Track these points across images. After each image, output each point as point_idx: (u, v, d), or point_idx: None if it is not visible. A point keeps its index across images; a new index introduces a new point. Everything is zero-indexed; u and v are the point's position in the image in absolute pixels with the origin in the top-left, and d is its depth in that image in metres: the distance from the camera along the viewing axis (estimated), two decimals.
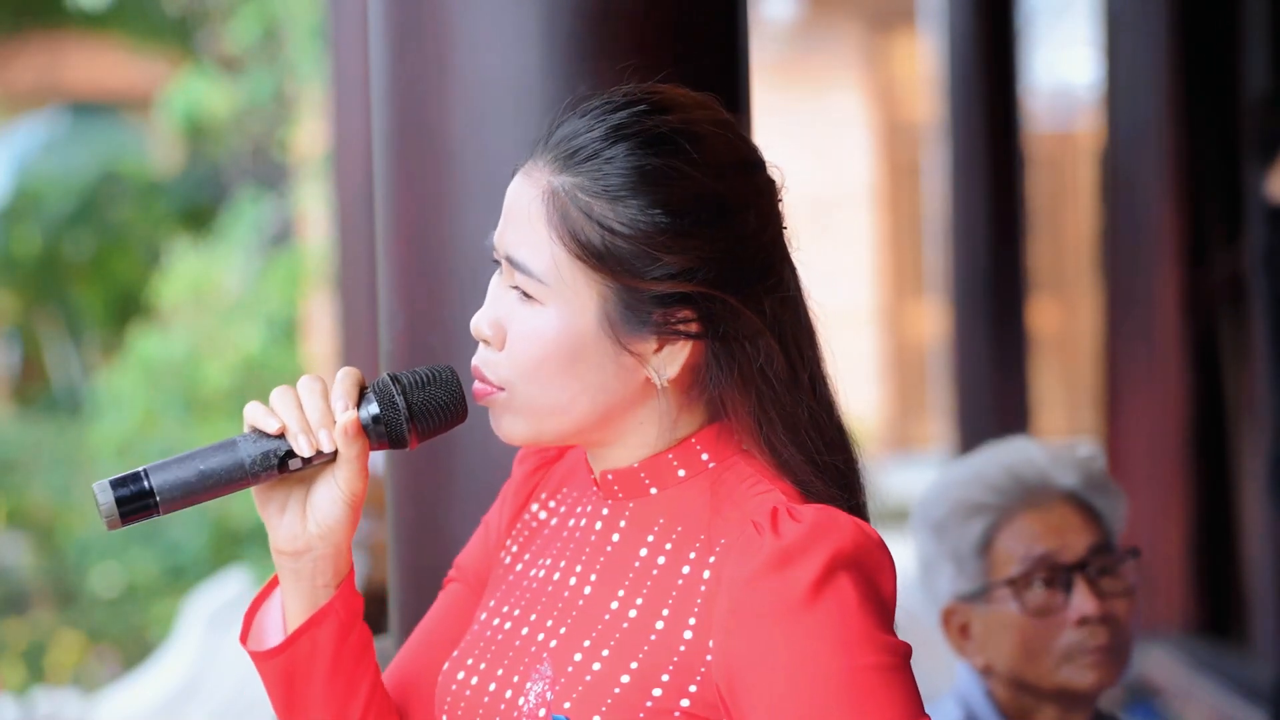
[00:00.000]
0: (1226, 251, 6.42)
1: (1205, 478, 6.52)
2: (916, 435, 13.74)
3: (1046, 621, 2.53)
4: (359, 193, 7.20)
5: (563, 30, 2.34)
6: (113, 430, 11.65)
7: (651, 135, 1.77)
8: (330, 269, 10.08)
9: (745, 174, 1.80)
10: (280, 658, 1.85)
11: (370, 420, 1.82)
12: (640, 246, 1.75)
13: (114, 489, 1.78)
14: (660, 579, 1.78)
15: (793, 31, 13.52)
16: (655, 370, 1.78)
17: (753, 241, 1.78)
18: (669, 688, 1.72)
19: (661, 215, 1.75)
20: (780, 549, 1.69)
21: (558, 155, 1.79)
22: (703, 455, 1.81)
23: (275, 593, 1.91)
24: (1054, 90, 13.01)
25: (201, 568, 10.68)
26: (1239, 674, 6.00)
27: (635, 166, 1.76)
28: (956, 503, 2.59)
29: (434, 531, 2.44)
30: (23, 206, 13.88)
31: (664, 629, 1.74)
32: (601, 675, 1.74)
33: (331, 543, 1.84)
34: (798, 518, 1.71)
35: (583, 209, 1.76)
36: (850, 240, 13.76)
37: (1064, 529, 2.56)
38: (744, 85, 2.46)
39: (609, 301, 1.76)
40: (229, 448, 1.80)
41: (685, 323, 1.76)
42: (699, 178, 1.76)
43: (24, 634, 10.17)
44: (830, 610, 1.68)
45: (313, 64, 11.34)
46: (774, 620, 1.68)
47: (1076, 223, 13.26)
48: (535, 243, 1.78)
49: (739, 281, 1.76)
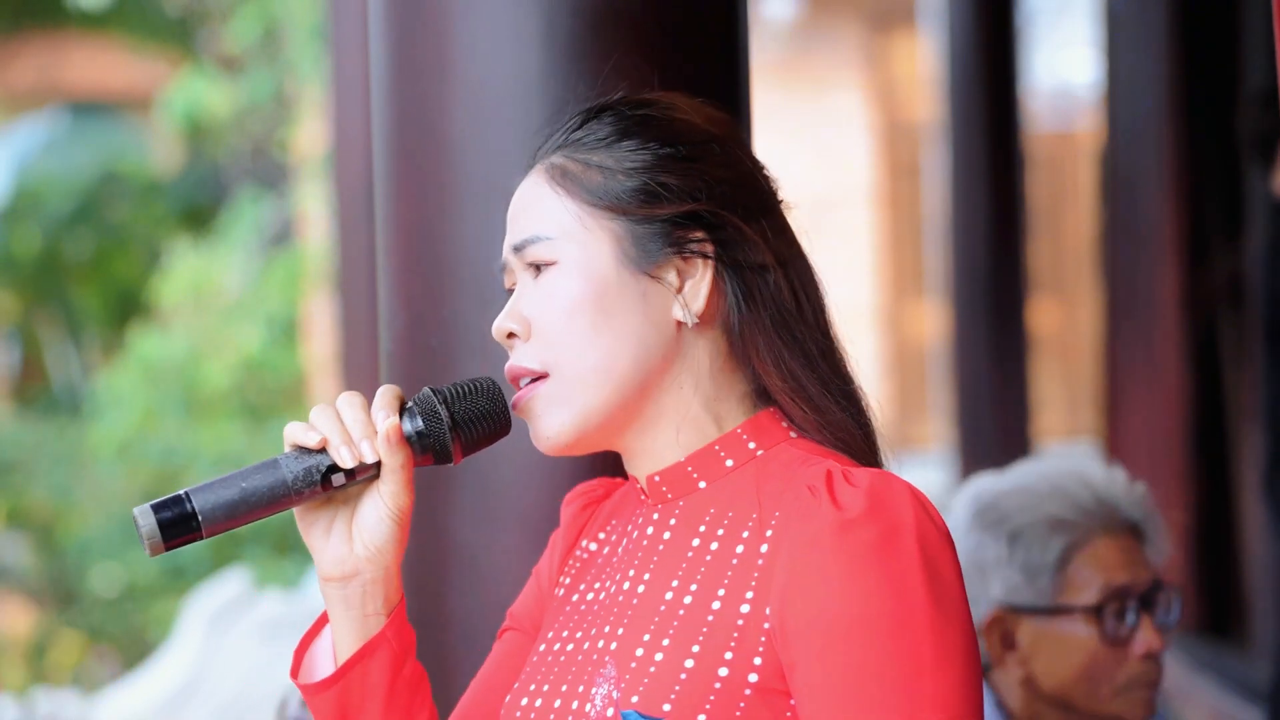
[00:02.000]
0: (1226, 251, 6.41)
1: (1205, 478, 6.52)
2: (916, 435, 13.74)
3: (1114, 651, 2.54)
4: (359, 193, 7.20)
5: (563, 30, 2.34)
6: (113, 430, 11.65)
7: (636, 102, 1.85)
8: (330, 269, 10.08)
9: (732, 128, 1.86)
10: (332, 690, 1.81)
11: (414, 433, 1.80)
12: (642, 179, 1.79)
13: (155, 513, 1.74)
14: (714, 564, 1.77)
15: (793, 31, 13.51)
16: (682, 303, 1.79)
17: (750, 178, 1.83)
18: (734, 665, 1.71)
19: (659, 146, 1.80)
20: (841, 518, 1.69)
21: (549, 146, 1.85)
22: (750, 444, 1.81)
23: (325, 630, 1.86)
24: (1054, 90, 13.01)
25: (201, 568, 10.68)
26: (1239, 674, 6.00)
27: (625, 117, 1.83)
28: (1041, 516, 2.57)
29: (434, 533, 2.44)
30: (23, 206, 13.88)
31: (720, 608, 1.73)
32: (665, 664, 1.73)
33: (381, 564, 1.81)
34: (855, 482, 1.71)
35: (582, 162, 1.81)
36: (850, 240, 13.75)
37: (1134, 561, 2.58)
38: (744, 85, 2.46)
39: (623, 239, 1.79)
40: (271, 467, 1.77)
41: (700, 243, 1.79)
42: (688, 119, 1.83)
43: (24, 634, 10.17)
44: (889, 575, 1.68)
45: (313, 64, 11.33)
46: (832, 579, 1.68)
47: (1076, 223, 13.26)
48: (542, 211, 1.81)
49: (744, 209, 1.81)
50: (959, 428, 8.01)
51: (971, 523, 2.60)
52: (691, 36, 2.40)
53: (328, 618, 1.85)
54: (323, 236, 11.49)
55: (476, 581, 2.40)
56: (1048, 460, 2.68)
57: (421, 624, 2.26)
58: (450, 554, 2.40)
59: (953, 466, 8.12)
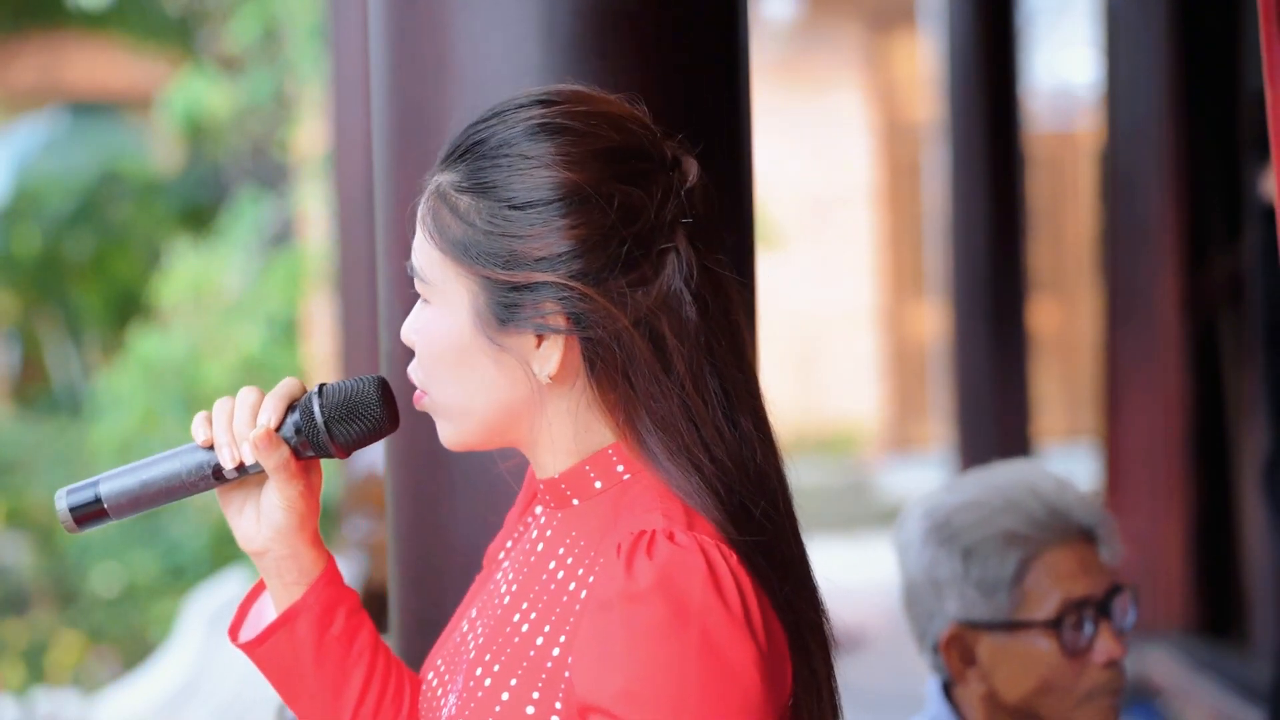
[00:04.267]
0: (1226, 251, 6.41)
1: (1205, 478, 6.52)
2: (916, 435, 13.74)
3: (1075, 662, 2.52)
4: (359, 193, 7.20)
5: (563, 30, 2.34)
6: (113, 430, 11.65)
7: (523, 128, 1.78)
8: (330, 269, 10.08)
9: (613, 164, 1.78)
10: (260, 650, 1.91)
11: (293, 431, 1.87)
12: (494, 239, 1.76)
13: (68, 496, 1.90)
14: (554, 592, 1.79)
15: (793, 31, 13.51)
16: (535, 367, 1.78)
17: (612, 234, 1.76)
18: (539, 705, 1.74)
19: (513, 208, 1.76)
20: (630, 588, 1.69)
21: (449, 152, 1.83)
22: (618, 467, 1.81)
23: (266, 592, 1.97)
24: (1054, 90, 13.01)
25: (201, 568, 10.68)
26: (1239, 674, 5.99)
27: (496, 159, 1.78)
28: (995, 531, 2.54)
29: (434, 531, 2.44)
30: (23, 206, 13.88)
31: (542, 644, 1.76)
32: (490, 691, 1.77)
33: (287, 544, 1.89)
34: (653, 554, 1.70)
35: (451, 207, 1.79)
36: (850, 240, 13.75)
37: (1090, 569, 2.54)
38: (744, 85, 2.46)
39: (478, 297, 1.78)
40: (171, 458, 1.90)
41: (550, 315, 1.76)
42: (552, 169, 1.76)
43: (24, 634, 10.16)
44: (667, 653, 1.67)
45: (313, 64, 11.33)
46: (616, 648, 1.68)
47: (1076, 223, 13.26)
48: (420, 242, 1.82)
49: (599, 273, 1.75)
50: (959, 428, 8.01)
51: (925, 539, 2.56)
52: (691, 36, 2.40)
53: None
54: (323, 236, 11.49)
55: None
56: (997, 471, 2.62)
57: (422, 622, 2.26)
58: (450, 554, 2.40)
59: (953, 466, 8.12)
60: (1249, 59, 6.22)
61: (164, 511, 11.05)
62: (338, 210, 8.06)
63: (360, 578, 5.80)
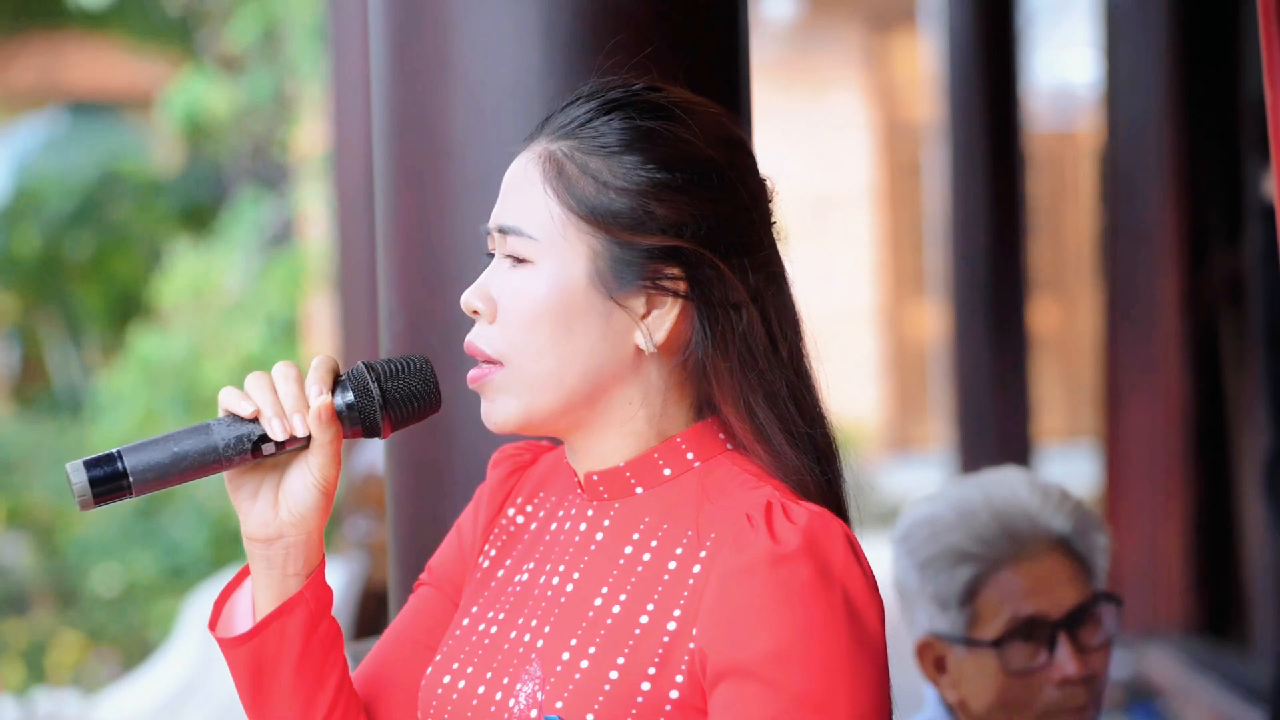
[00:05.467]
0: (1226, 251, 6.41)
1: (1205, 478, 6.52)
2: (916, 435, 13.74)
3: (1028, 680, 2.48)
4: (359, 193, 7.21)
5: (563, 30, 2.34)
6: (113, 430, 11.65)
7: (647, 104, 1.83)
8: (330, 269, 10.09)
9: (737, 151, 1.84)
10: (248, 645, 1.86)
11: (345, 407, 1.83)
12: (633, 200, 1.78)
13: (88, 469, 1.78)
14: (645, 574, 1.79)
15: (793, 31, 13.51)
16: (645, 332, 1.79)
17: (743, 213, 1.81)
18: (656, 681, 1.74)
19: (656, 170, 1.79)
20: (775, 551, 1.71)
21: (555, 129, 1.84)
22: (688, 454, 1.82)
23: (246, 582, 1.91)
24: (1054, 90, 13.01)
25: (201, 568, 10.68)
26: (1239, 674, 5.99)
27: (632, 127, 1.81)
28: (944, 547, 2.51)
29: (434, 531, 2.44)
30: (23, 206, 13.88)
31: (648, 623, 1.76)
32: (590, 673, 1.75)
33: (304, 530, 1.85)
34: (793, 518, 1.73)
35: (579, 165, 1.80)
36: (850, 240, 13.75)
37: (1051, 583, 2.50)
38: (744, 85, 2.46)
39: (600, 256, 1.79)
40: (203, 431, 1.80)
41: (673, 280, 1.79)
42: (693, 141, 1.81)
43: (24, 634, 10.16)
44: (818, 612, 1.70)
45: (313, 64, 11.34)
46: (761, 611, 1.70)
47: (1076, 223, 13.26)
48: (530, 203, 1.81)
49: (727, 247, 1.80)
50: (959, 428, 8.02)
51: (896, 548, 2.56)
52: (691, 36, 2.40)
53: (248, 571, 1.90)
54: (323, 236, 11.49)
55: None
56: (970, 482, 2.59)
57: None
58: None
59: (953, 466, 8.12)
60: (1249, 59, 6.23)
61: (164, 511, 11.05)
62: (338, 210, 8.06)
63: (360, 578, 5.81)
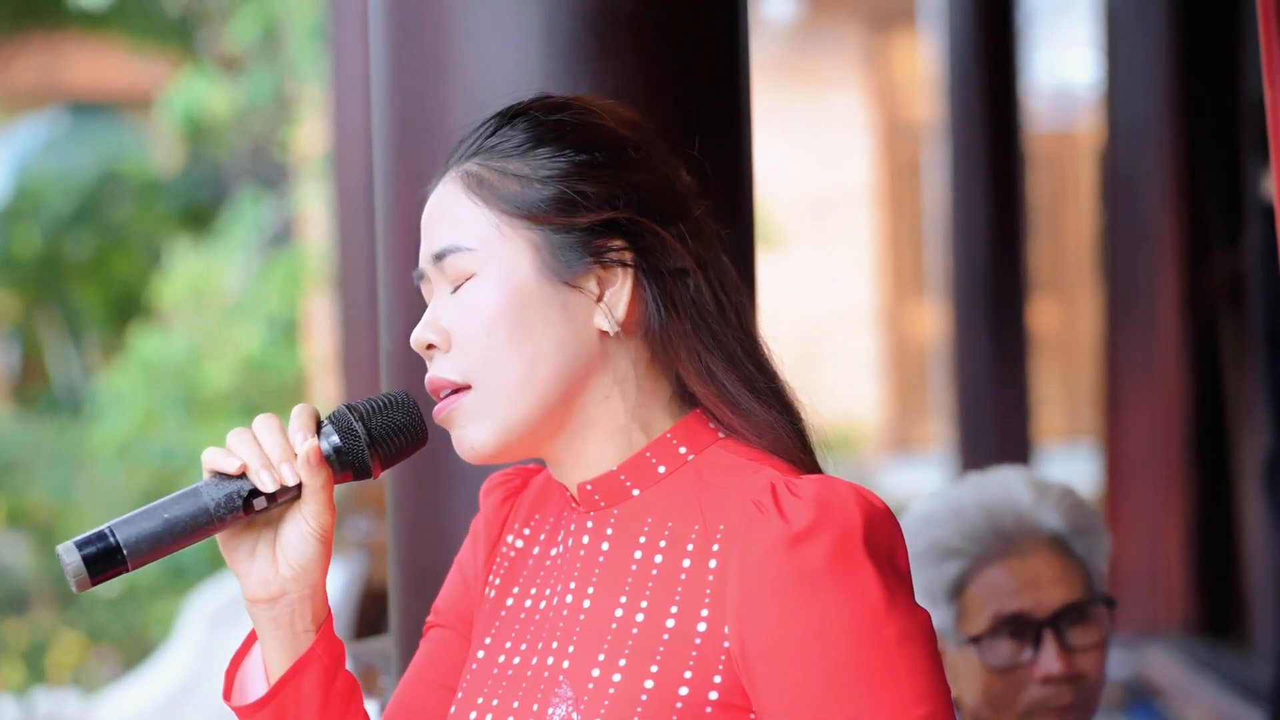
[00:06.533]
0: (1226, 251, 6.41)
1: (1205, 478, 6.51)
2: (916, 435, 13.74)
3: (1010, 677, 2.48)
4: (359, 193, 7.21)
5: (563, 30, 2.34)
6: (113, 430, 11.65)
7: (545, 106, 1.84)
8: (330, 269, 10.08)
9: (643, 130, 1.85)
10: (266, 710, 1.81)
11: (332, 450, 1.80)
12: (560, 186, 1.78)
13: (80, 549, 1.74)
14: (661, 577, 1.76)
15: (793, 31, 13.51)
16: (604, 311, 1.79)
17: (666, 181, 1.82)
18: (694, 685, 1.72)
19: (574, 154, 1.79)
20: (790, 532, 1.70)
21: (459, 156, 1.84)
22: (680, 448, 1.81)
23: (256, 647, 1.86)
24: (1054, 90, 13.01)
25: (201, 568, 10.68)
26: (1239, 674, 5.99)
27: (537, 124, 1.82)
28: (932, 542, 2.52)
29: (434, 531, 2.44)
30: (23, 206, 13.88)
31: (676, 626, 1.74)
32: (624, 685, 1.73)
33: (307, 583, 1.81)
34: (799, 494, 1.72)
35: (498, 171, 1.80)
36: (850, 240, 13.75)
37: (1039, 581, 2.50)
38: (744, 85, 2.46)
39: (541, 248, 1.78)
40: (192, 495, 1.78)
41: (619, 251, 1.79)
42: (602, 124, 1.82)
43: (24, 634, 10.17)
44: (845, 584, 1.68)
45: (313, 64, 11.33)
46: (788, 598, 1.68)
47: (1076, 223, 13.26)
48: (459, 220, 1.81)
49: (661, 215, 1.80)
50: (959, 428, 8.01)
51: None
52: (691, 36, 2.40)
53: (255, 637, 1.86)
54: (323, 236, 11.49)
55: None
56: (969, 481, 2.59)
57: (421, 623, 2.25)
58: (450, 554, 2.40)
59: (953, 466, 8.12)
60: (1249, 59, 6.22)
61: None
62: (338, 210, 8.06)
63: (360, 578, 5.81)
